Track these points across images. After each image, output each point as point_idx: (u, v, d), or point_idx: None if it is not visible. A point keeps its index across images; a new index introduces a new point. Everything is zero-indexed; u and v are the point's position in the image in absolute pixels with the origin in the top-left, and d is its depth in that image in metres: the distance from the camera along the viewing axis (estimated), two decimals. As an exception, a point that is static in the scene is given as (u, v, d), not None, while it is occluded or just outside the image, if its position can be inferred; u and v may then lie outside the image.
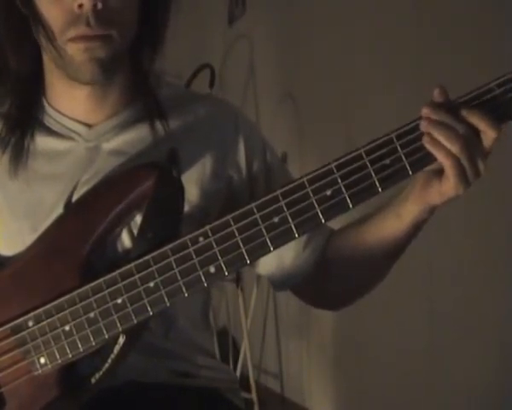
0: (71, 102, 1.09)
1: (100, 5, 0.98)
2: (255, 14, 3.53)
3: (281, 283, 1.16)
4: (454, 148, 0.90)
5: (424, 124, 0.91)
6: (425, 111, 0.91)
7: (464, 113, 0.91)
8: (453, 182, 0.91)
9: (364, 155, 0.92)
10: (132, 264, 0.97)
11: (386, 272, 1.12)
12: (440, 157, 0.91)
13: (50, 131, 1.10)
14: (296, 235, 0.94)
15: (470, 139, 0.90)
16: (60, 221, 1.04)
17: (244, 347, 3.16)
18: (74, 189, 1.06)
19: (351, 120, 2.67)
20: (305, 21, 3.02)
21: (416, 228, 1.02)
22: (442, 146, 0.90)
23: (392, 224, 1.03)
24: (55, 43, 1.01)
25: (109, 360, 0.98)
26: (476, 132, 0.91)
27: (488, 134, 0.90)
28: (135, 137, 1.09)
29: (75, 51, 1.01)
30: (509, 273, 1.94)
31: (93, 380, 0.98)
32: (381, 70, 2.46)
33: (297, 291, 1.18)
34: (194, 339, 1.14)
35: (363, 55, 2.57)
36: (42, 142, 1.09)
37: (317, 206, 0.93)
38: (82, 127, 1.09)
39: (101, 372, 0.98)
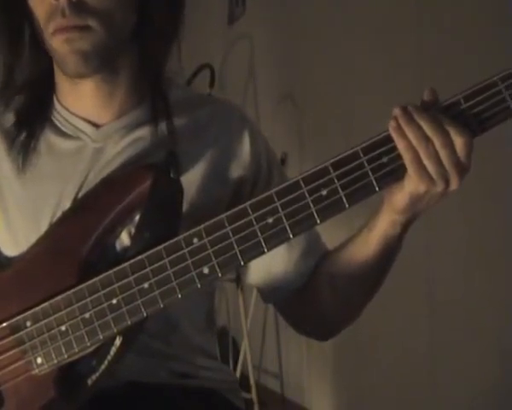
0: (77, 99, 1.09)
1: None
2: (255, 14, 3.54)
3: (269, 294, 1.14)
4: (416, 142, 0.88)
5: (393, 124, 0.89)
6: (396, 111, 0.89)
7: (439, 116, 0.88)
8: (413, 177, 0.89)
9: (361, 154, 0.90)
10: (127, 264, 0.96)
11: (369, 293, 1.08)
12: (401, 147, 0.89)
13: (58, 131, 1.10)
14: (291, 236, 0.92)
15: (437, 140, 0.88)
16: (60, 222, 1.04)
17: (244, 347, 3.16)
18: (80, 189, 1.06)
19: (351, 120, 2.67)
20: (305, 21, 3.02)
21: (387, 246, 0.99)
22: (405, 137, 0.88)
23: (362, 238, 1.01)
24: (44, 38, 1.02)
25: (106, 362, 0.97)
26: (450, 138, 0.88)
27: (456, 141, 0.88)
28: (142, 138, 1.08)
29: (58, 44, 1.01)
30: (509, 275, 1.94)
31: (89, 381, 0.98)
32: (381, 70, 2.46)
33: (284, 310, 1.16)
34: (197, 342, 1.14)
35: (363, 55, 2.57)
36: (50, 140, 1.09)
37: (312, 206, 0.91)
38: (90, 127, 1.08)
39: (97, 374, 0.97)
